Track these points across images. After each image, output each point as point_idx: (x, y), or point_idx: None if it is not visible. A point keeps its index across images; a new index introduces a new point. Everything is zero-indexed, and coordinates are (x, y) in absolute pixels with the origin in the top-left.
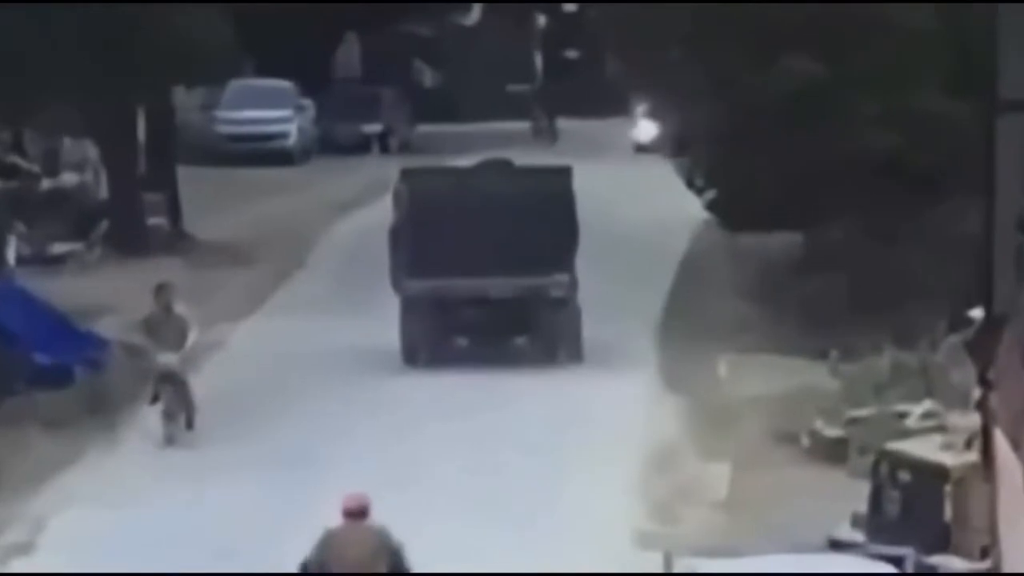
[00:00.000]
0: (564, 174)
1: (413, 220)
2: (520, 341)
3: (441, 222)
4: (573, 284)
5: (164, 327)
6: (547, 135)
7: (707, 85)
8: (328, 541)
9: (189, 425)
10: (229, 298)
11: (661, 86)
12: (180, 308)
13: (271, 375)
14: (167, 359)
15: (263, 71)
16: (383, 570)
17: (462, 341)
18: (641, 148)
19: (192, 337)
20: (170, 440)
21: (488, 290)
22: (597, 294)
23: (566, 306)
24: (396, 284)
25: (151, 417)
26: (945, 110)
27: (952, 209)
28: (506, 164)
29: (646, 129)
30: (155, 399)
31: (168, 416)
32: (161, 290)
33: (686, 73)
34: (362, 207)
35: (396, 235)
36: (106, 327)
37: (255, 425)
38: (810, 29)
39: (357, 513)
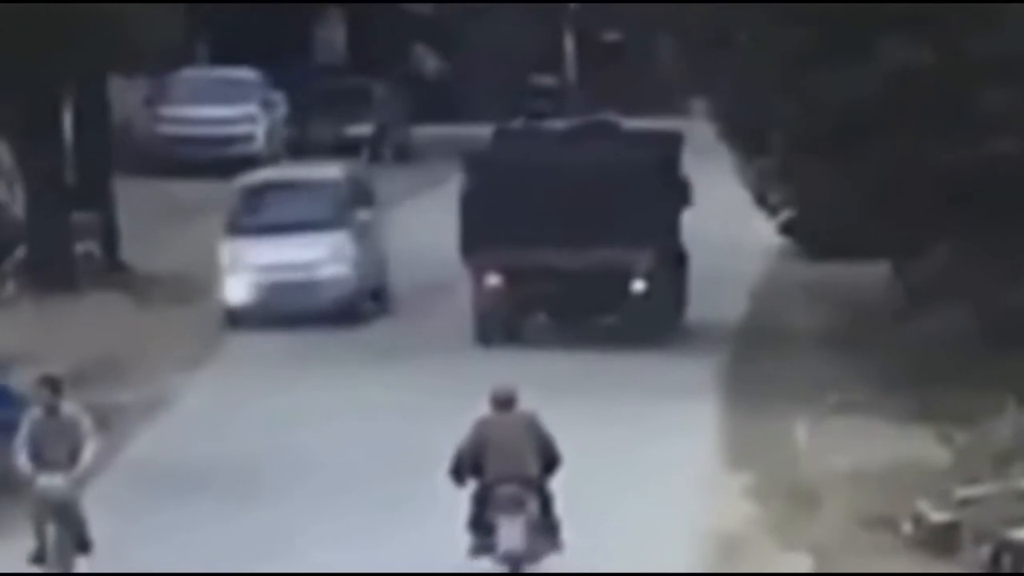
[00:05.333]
0: (672, 140)
1: (489, 183)
2: (607, 321)
3: (520, 187)
4: (669, 260)
5: (50, 437)
6: None
7: (785, 77)
8: (480, 428)
9: (84, 548)
10: (177, 344)
11: (728, 77)
12: (70, 407)
13: (232, 444)
14: (49, 485)
15: (221, 57)
16: (533, 452)
17: (541, 319)
18: (235, 319)
19: (90, 451)
20: None
21: (565, 263)
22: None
23: (654, 285)
24: (467, 254)
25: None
26: None
27: None
28: (608, 126)
29: (236, 287)
30: (40, 557)
31: (64, 562)
32: (45, 384)
33: (758, 61)
34: None
35: (469, 200)
36: (20, 382)
37: (205, 513)
38: (914, 6)
39: (505, 402)
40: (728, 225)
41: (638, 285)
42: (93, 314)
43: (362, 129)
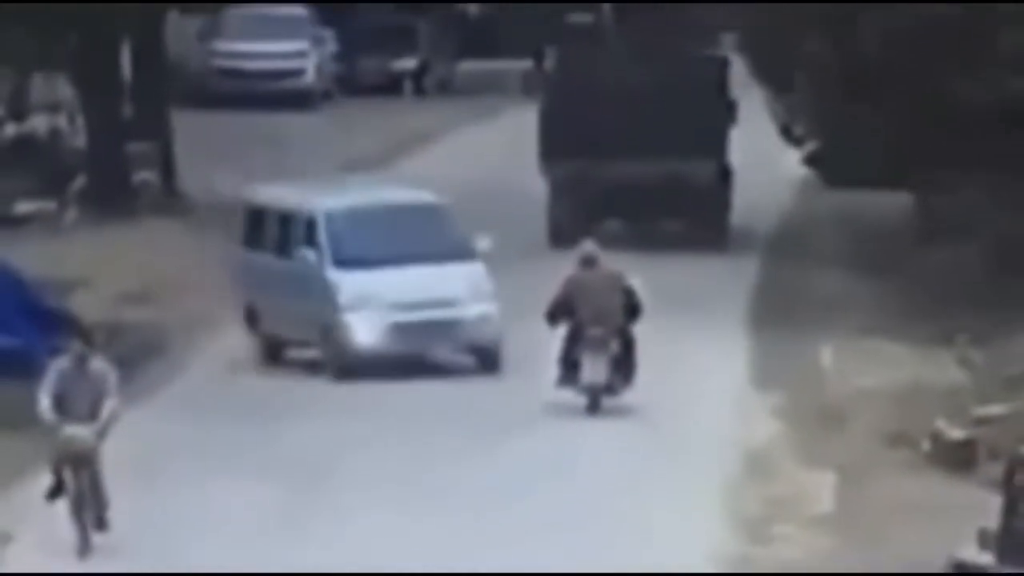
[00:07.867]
0: (723, 64)
1: (562, 99)
2: (671, 226)
3: (590, 103)
4: (721, 172)
5: (76, 388)
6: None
7: (813, 18)
8: (571, 279)
9: (100, 525)
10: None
11: (758, 15)
12: (98, 362)
13: (285, 369)
14: (75, 434)
15: None
16: (618, 300)
17: (609, 223)
18: (360, 365)
19: (108, 408)
20: (83, 551)
21: (630, 172)
22: (670, 261)
23: (709, 193)
24: (543, 164)
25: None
26: None
27: None
28: (669, 48)
29: (363, 328)
30: (56, 492)
31: (79, 514)
32: (77, 334)
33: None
34: (394, 161)
35: (545, 114)
36: (80, 304)
37: (258, 434)
38: None
39: (591, 260)
40: (756, 155)
41: (698, 193)
42: (150, 240)
43: (407, 64)
